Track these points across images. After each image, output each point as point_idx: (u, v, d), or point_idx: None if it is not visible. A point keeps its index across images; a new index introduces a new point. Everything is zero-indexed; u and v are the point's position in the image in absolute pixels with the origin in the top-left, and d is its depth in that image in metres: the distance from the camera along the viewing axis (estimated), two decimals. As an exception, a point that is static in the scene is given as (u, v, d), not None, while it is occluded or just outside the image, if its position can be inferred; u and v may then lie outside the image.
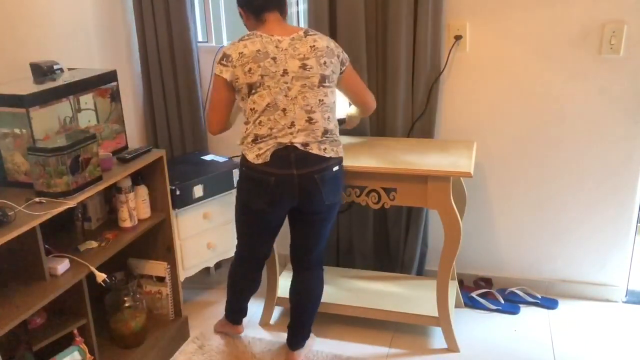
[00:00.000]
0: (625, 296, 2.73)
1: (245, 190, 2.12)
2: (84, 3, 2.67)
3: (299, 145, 2.00)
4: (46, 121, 2.03)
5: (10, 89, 2.01)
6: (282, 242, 2.50)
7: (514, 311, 2.66)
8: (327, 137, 2.04)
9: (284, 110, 1.99)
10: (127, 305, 2.33)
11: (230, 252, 2.75)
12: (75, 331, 2.04)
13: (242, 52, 1.99)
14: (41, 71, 2.19)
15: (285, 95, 1.99)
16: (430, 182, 2.20)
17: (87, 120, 2.22)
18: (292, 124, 2.00)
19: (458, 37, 2.51)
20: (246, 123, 2.06)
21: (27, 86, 2.07)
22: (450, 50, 2.53)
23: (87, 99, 2.20)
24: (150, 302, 2.51)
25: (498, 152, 2.65)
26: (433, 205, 2.24)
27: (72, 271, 2.00)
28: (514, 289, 2.77)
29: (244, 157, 2.07)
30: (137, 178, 2.29)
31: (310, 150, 2.01)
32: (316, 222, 2.17)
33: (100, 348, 2.17)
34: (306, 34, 2.05)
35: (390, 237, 2.83)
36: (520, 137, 2.61)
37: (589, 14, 2.38)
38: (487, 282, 2.84)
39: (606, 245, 2.66)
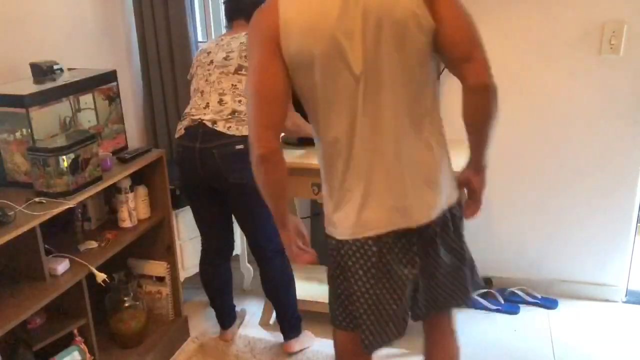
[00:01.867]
0: (625, 296, 2.72)
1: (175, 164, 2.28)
2: (84, 3, 2.67)
3: (207, 122, 2.13)
4: (46, 121, 2.03)
5: (10, 89, 2.01)
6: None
7: (514, 311, 2.66)
8: (234, 116, 2.14)
9: (202, 92, 2.21)
10: (127, 305, 2.33)
11: (230, 252, 2.76)
12: (75, 331, 2.04)
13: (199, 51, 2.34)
14: (41, 71, 2.19)
15: (206, 80, 2.21)
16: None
17: (87, 120, 2.22)
18: (207, 105, 2.17)
19: (458, 37, 2.51)
20: None
21: (27, 86, 2.07)
22: (450, 50, 2.53)
23: (87, 99, 2.21)
24: (150, 302, 2.51)
25: (497, 152, 2.65)
26: None
27: (72, 271, 2.00)
28: (514, 289, 2.77)
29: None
30: (137, 178, 2.29)
31: (216, 128, 2.12)
32: (231, 202, 2.25)
33: (100, 348, 2.17)
34: (247, 34, 2.08)
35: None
36: (519, 137, 2.61)
37: (589, 14, 2.38)
38: (487, 282, 2.84)
39: (606, 245, 2.66)
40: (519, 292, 2.76)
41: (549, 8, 2.40)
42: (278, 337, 2.54)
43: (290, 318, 2.41)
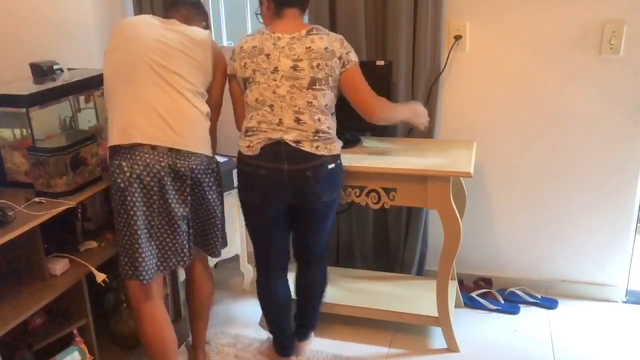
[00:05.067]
0: (625, 296, 2.72)
1: (242, 185, 2.11)
2: (84, 3, 2.67)
3: (290, 142, 1.98)
4: (46, 121, 2.03)
5: (10, 89, 2.01)
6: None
7: (514, 311, 2.66)
8: (319, 136, 2.01)
9: (271, 106, 2.00)
10: (127, 305, 2.33)
11: (231, 252, 2.75)
12: (75, 331, 2.04)
13: (242, 47, 2.04)
14: (41, 71, 2.19)
15: (274, 92, 1.99)
16: (430, 182, 2.19)
17: (87, 120, 2.22)
18: (280, 122, 1.99)
19: (458, 37, 2.51)
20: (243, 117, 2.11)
21: (27, 86, 2.07)
22: (450, 50, 2.53)
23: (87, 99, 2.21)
24: (150, 302, 2.51)
25: (497, 152, 2.65)
26: (433, 205, 2.24)
27: (72, 271, 2.00)
28: (513, 289, 2.77)
29: (239, 151, 2.08)
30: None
31: (302, 148, 1.98)
32: (313, 219, 2.15)
33: (100, 348, 2.17)
34: (308, 33, 2.01)
35: (390, 237, 2.83)
36: (519, 137, 2.61)
37: (588, 14, 2.38)
38: (487, 282, 2.84)
39: (606, 245, 2.66)
40: (519, 292, 2.75)
41: (549, 8, 2.40)
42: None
43: (312, 322, 2.41)
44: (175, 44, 1.96)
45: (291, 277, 2.34)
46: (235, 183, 2.18)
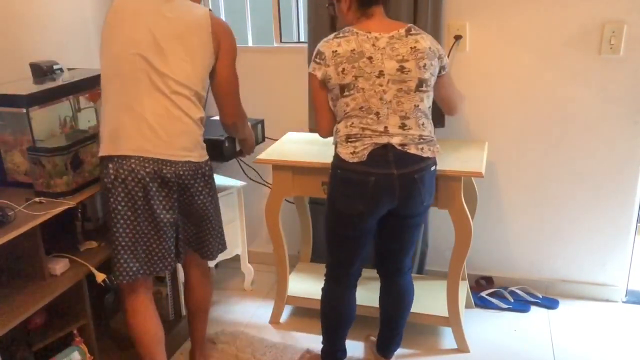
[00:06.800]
0: (625, 296, 2.72)
1: (342, 195, 1.96)
2: (84, 3, 2.67)
3: (397, 146, 1.88)
4: (46, 121, 2.03)
5: (10, 89, 2.01)
6: (291, 242, 2.47)
7: (524, 309, 2.66)
8: (424, 139, 1.93)
9: (377, 114, 1.88)
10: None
11: (231, 252, 2.75)
12: (75, 331, 2.04)
13: (335, 51, 1.88)
14: (41, 71, 2.19)
15: (380, 99, 1.87)
16: (441, 182, 2.18)
17: (87, 120, 2.22)
18: (386, 129, 1.88)
19: (458, 37, 2.51)
20: (337, 122, 1.96)
21: (27, 86, 2.07)
22: (450, 50, 2.53)
23: (87, 99, 2.21)
24: (150, 302, 2.51)
25: (497, 152, 2.65)
26: (444, 205, 2.22)
27: (72, 271, 2.00)
28: (514, 289, 2.77)
29: (338, 158, 1.93)
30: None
31: (408, 151, 1.89)
32: (411, 225, 2.05)
33: (100, 348, 2.17)
34: (408, 32, 1.90)
35: (390, 237, 2.82)
36: (519, 137, 2.61)
37: (589, 14, 2.38)
38: (488, 281, 2.84)
39: (606, 245, 2.66)
40: (520, 292, 2.76)
41: (549, 8, 2.40)
42: (279, 337, 2.54)
43: (400, 337, 2.28)
44: (172, 31, 1.87)
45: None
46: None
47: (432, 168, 1.98)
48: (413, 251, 2.19)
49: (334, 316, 2.20)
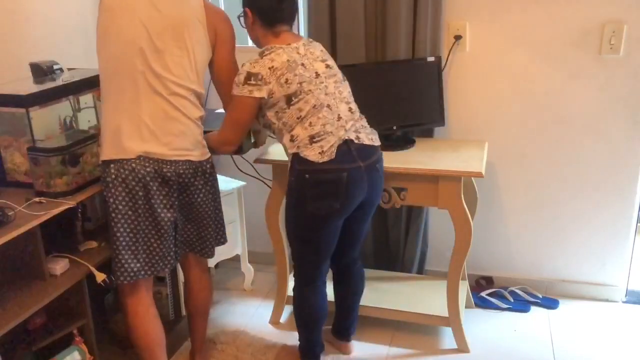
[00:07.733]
0: (625, 296, 2.72)
1: (315, 198, 1.97)
2: (84, 3, 2.67)
3: (353, 139, 1.98)
4: (46, 121, 2.03)
5: (10, 89, 2.01)
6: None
7: (524, 309, 2.67)
8: (363, 125, 2.06)
9: (328, 106, 1.98)
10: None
11: (231, 252, 2.75)
12: (75, 331, 2.04)
13: (272, 67, 1.93)
14: (41, 71, 2.19)
15: (326, 94, 1.99)
16: (441, 182, 2.19)
17: (87, 120, 2.22)
18: (339, 117, 1.99)
19: (458, 37, 2.51)
20: (290, 131, 1.97)
21: (27, 86, 2.06)
22: (450, 50, 2.53)
23: (87, 99, 2.20)
24: (150, 302, 2.51)
25: (497, 152, 2.65)
26: (444, 205, 2.23)
27: (72, 271, 2.00)
28: (514, 289, 2.77)
29: (304, 162, 1.94)
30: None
31: (363, 142, 2.00)
32: (368, 214, 2.15)
33: (100, 348, 2.17)
34: (308, 40, 2.08)
35: (390, 236, 2.82)
36: (519, 137, 2.61)
37: (589, 14, 2.38)
38: (488, 281, 2.84)
39: (606, 245, 2.66)
40: (520, 292, 2.75)
41: (549, 8, 2.40)
42: (279, 337, 2.54)
43: (357, 321, 2.43)
44: (165, 26, 1.84)
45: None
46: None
47: (381, 156, 2.11)
48: (360, 244, 2.29)
49: (313, 315, 2.24)
